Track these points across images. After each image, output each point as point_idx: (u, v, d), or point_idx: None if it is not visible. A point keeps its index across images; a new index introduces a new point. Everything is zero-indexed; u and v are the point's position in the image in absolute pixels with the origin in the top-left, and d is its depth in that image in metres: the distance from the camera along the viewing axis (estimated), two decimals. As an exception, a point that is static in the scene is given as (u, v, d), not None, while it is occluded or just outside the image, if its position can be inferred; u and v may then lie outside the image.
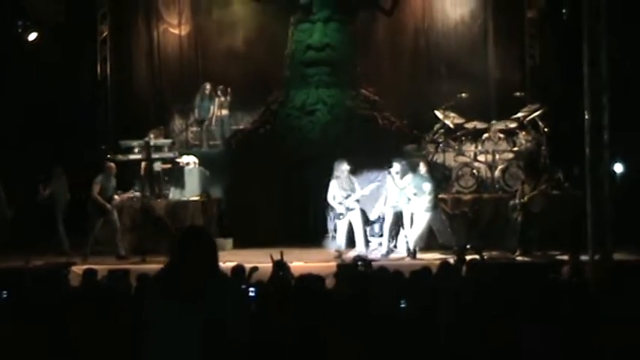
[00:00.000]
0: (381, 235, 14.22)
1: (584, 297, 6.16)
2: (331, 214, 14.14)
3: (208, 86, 17.69)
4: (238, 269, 8.64)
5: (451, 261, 9.19)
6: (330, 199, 13.75)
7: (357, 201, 13.73)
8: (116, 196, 14.39)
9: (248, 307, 6.63)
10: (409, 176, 13.72)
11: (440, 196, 14.11)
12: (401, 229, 13.71)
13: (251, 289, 7.53)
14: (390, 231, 13.79)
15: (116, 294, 7.65)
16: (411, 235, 13.52)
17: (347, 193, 13.64)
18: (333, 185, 13.74)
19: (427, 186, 13.66)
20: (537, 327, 5.63)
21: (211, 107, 17.75)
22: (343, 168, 13.69)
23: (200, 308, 4.27)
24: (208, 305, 4.28)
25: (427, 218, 13.64)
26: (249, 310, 6.44)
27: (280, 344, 5.76)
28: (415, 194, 13.50)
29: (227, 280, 4.74)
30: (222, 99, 17.74)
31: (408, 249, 13.47)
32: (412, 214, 13.58)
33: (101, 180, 14.24)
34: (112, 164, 14.61)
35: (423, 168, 13.83)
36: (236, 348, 4.30)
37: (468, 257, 9.05)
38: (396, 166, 13.70)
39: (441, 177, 14.78)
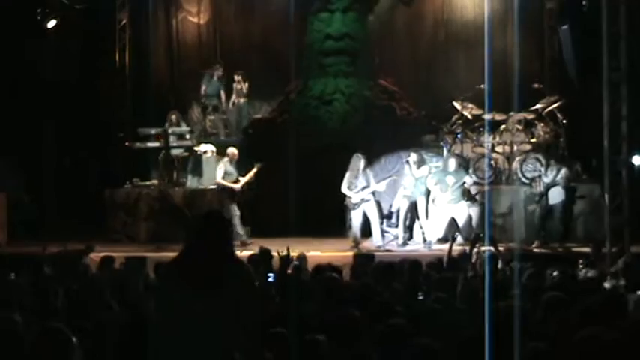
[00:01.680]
0: (398, 226, 14.23)
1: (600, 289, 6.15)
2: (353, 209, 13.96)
3: (219, 68, 17.56)
4: (262, 254, 8.76)
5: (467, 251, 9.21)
6: (344, 189, 13.72)
7: (373, 193, 13.70)
8: (241, 178, 14.33)
9: (266, 292, 6.66)
10: (426, 167, 13.72)
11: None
12: (416, 219, 13.70)
13: (270, 274, 7.60)
14: (405, 221, 13.79)
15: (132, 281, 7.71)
16: (427, 225, 13.51)
17: (363, 185, 13.62)
18: (349, 177, 13.72)
19: (451, 179, 13.66)
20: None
21: (221, 91, 17.62)
22: (359, 165, 13.65)
23: (217, 294, 4.26)
24: (225, 291, 4.27)
25: (450, 210, 13.65)
26: (264, 295, 6.47)
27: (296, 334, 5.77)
28: (439, 188, 13.52)
29: (242, 265, 4.72)
30: (240, 86, 17.67)
31: (425, 239, 13.47)
32: (428, 206, 13.58)
33: (225, 165, 14.24)
34: (235, 150, 14.59)
35: (452, 164, 13.83)
36: (249, 332, 4.31)
37: (483, 248, 9.02)
38: (414, 157, 13.70)
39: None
